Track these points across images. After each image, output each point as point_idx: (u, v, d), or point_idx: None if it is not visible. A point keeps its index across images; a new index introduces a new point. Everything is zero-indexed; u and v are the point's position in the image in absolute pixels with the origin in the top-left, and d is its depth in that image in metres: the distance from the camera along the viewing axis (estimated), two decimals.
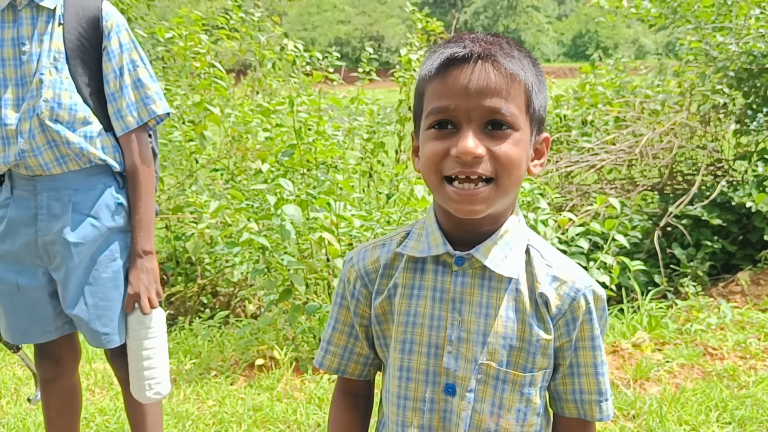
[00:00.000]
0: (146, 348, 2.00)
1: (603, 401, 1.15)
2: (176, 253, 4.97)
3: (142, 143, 1.99)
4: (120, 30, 1.94)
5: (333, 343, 1.25)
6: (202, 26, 4.86)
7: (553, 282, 1.11)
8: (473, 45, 1.02)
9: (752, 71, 5.22)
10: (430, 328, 1.12)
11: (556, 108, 5.83)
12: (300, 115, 3.76)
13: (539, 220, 3.78)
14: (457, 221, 1.10)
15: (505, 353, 1.10)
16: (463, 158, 0.99)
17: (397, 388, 1.15)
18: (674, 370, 3.42)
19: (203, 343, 3.85)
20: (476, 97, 1.00)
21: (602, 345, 1.14)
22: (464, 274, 1.11)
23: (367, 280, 1.19)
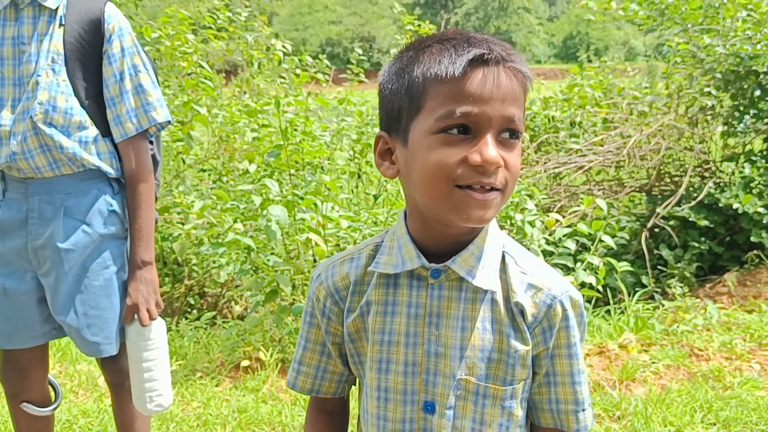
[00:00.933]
0: (146, 360, 1.95)
1: (580, 411, 1.11)
2: (163, 253, 4.95)
3: (141, 151, 1.92)
4: (123, 34, 1.88)
5: (305, 363, 1.20)
6: (189, 26, 4.83)
7: (529, 290, 1.06)
8: (494, 47, 0.96)
9: (739, 73, 5.25)
10: (407, 345, 1.08)
11: (545, 109, 5.84)
12: (286, 116, 3.74)
13: (526, 221, 3.77)
14: (436, 232, 1.05)
15: (484, 366, 1.06)
16: (487, 167, 0.94)
17: (376, 408, 1.11)
18: (660, 371, 3.42)
19: (189, 345, 3.83)
20: (500, 104, 0.95)
21: (580, 353, 1.11)
22: (440, 287, 1.06)
23: (337, 297, 1.14)
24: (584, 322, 1.11)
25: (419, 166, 0.99)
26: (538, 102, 6.04)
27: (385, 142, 1.07)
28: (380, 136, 1.07)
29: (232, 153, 4.58)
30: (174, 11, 4.75)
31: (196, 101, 4.48)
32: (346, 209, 4.39)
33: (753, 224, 4.88)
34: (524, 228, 3.75)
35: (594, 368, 3.47)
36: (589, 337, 3.83)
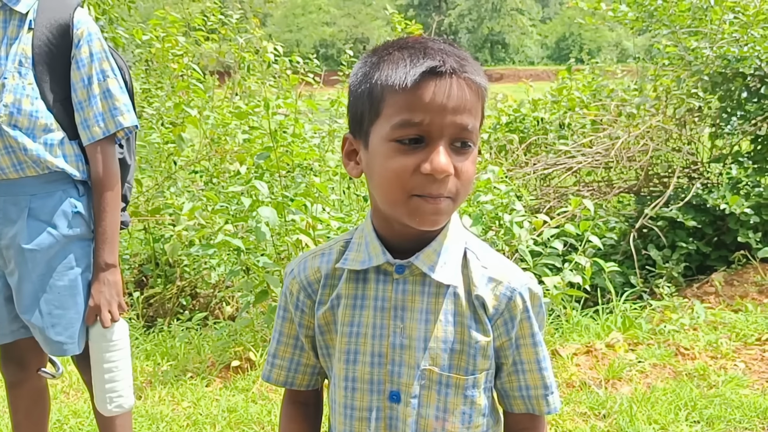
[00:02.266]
0: (108, 361, 1.98)
1: (549, 394, 1.18)
2: (155, 255, 4.97)
3: (108, 154, 1.95)
4: (92, 39, 1.91)
5: (279, 357, 1.25)
6: (180, 28, 4.85)
7: (489, 283, 1.12)
8: (449, 60, 1.00)
9: (726, 75, 5.30)
10: (373, 337, 1.13)
11: (534, 111, 5.88)
12: (276, 118, 3.76)
13: (515, 222, 3.81)
14: (400, 231, 1.10)
15: (447, 357, 1.11)
16: (437, 176, 0.99)
17: (344, 398, 1.16)
18: (646, 369, 3.46)
19: (181, 345, 3.85)
20: (452, 114, 0.99)
21: (542, 341, 1.17)
22: (405, 281, 1.12)
23: (310, 290, 1.19)
24: (543, 312, 1.17)
25: (378, 171, 1.05)
26: (528, 104, 6.08)
27: (351, 143, 1.13)
28: (346, 137, 1.13)
29: (223, 155, 4.60)
30: (164, 13, 4.77)
31: (187, 103, 4.50)
32: (337, 210, 4.42)
33: (740, 225, 4.93)
34: (512, 229, 3.78)
35: (581, 367, 3.51)
36: (576, 337, 3.86)
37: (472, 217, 3.79)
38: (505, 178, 4.10)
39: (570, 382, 3.31)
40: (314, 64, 5.97)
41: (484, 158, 5.24)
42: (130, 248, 5.40)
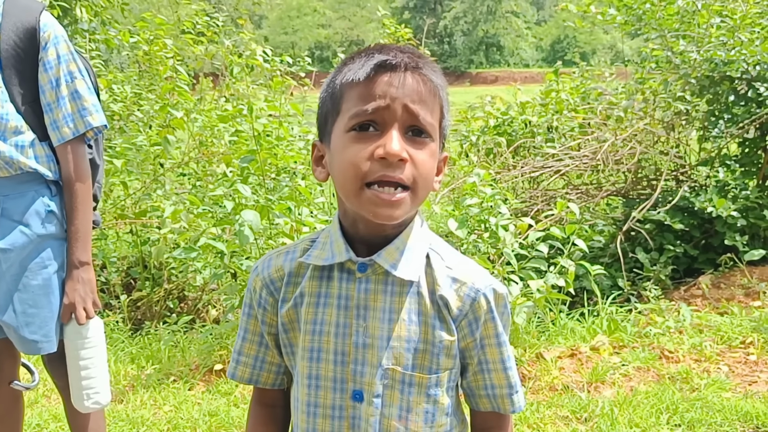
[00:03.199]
0: (84, 358, 2.00)
1: (514, 393, 1.20)
2: (143, 257, 4.96)
3: (78, 154, 1.97)
4: (58, 41, 1.93)
5: (244, 354, 1.26)
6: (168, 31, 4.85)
7: (453, 283, 1.14)
8: (402, 56, 1.05)
9: (714, 78, 5.31)
10: (336, 335, 1.14)
11: (522, 114, 5.89)
12: (260, 121, 3.76)
13: (500, 225, 3.81)
14: (364, 228, 1.12)
15: (410, 356, 1.12)
16: (390, 159, 1.01)
17: (306, 396, 1.16)
18: (630, 373, 3.46)
19: (165, 349, 3.84)
20: (404, 102, 1.03)
21: (507, 341, 1.19)
22: (367, 280, 1.13)
23: (272, 288, 1.20)
24: (508, 314, 1.19)
25: (337, 165, 1.08)
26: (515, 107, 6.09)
27: (319, 149, 1.16)
28: (314, 144, 1.17)
29: (210, 157, 4.60)
30: (152, 15, 4.76)
31: (173, 105, 4.49)
32: (326, 213, 4.41)
33: (727, 227, 4.94)
34: (497, 232, 3.78)
35: (565, 370, 3.51)
36: (562, 340, 3.87)
37: (458, 221, 3.78)
38: (491, 181, 4.09)
39: (552, 386, 3.32)
40: (306, 62, 5.96)
41: (471, 161, 5.24)
42: (118, 251, 5.38)
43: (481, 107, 6.21)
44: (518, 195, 5.58)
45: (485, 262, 3.58)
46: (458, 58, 51.36)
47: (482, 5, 52.91)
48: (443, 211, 4.25)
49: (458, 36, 52.59)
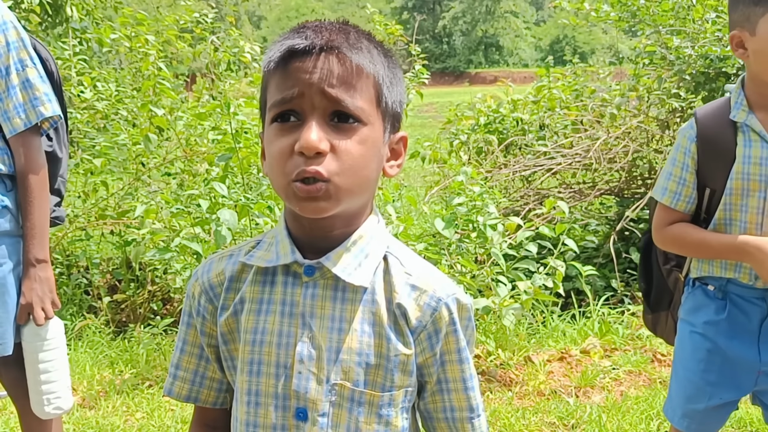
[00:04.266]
0: (43, 361, 1.91)
1: (475, 418, 1.08)
2: (127, 259, 4.86)
3: (32, 146, 1.88)
4: (7, 28, 1.83)
5: (182, 368, 1.13)
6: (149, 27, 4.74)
7: (413, 291, 1.03)
8: (315, 36, 0.95)
9: (709, 75, 5.20)
10: (278, 346, 1.02)
11: (513, 112, 5.78)
12: (238, 118, 3.66)
13: (488, 225, 3.70)
14: (307, 226, 1.01)
15: (362, 372, 1.01)
16: (306, 153, 0.92)
17: (246, 414, 1.04)
18: (620, 377, 3.36)
19: (144, 353, 3.73)
20: (318, 86, 0.93)
21: (470, 358, 1.07)
22: (315, 285, 1.02)
23: (211, 294, 1.08)
24: (472, 326, 1.07)
25: (268, 159, 1.00)
26: (507, 104, 5.98)
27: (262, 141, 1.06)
28: (260, 136, 1.07)
29: (193, 156, 4.49)
30: (132, 11, 4.66)
31: (155, 103, 4.39)
32: None
33: None
34: (485, 232, 3.67)
35: (554, 374, 3.40)
36: (552, 342, 3.76)
37: (445, 220, 3.67)
38: (479, 180, 3.99)
39: (540, 391, 3.21)
40: None
41: (461, 159, 5.14)
42: (101, 252, 5.28)
43: (471, 105, 6.10)
44: (510, 194, 5.47)
45: (471, 263, 3.48)
46: (457, 58, 51.29)
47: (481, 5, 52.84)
48: (432, 211, 4.15)
49: (457, 36, 52.51)
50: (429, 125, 14.39)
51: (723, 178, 1.72)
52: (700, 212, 1.80)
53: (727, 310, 1.80)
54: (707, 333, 1.82)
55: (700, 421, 1.91)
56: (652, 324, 2.20)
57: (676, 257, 1.99)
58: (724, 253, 1.74)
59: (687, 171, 1.77)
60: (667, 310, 2.09)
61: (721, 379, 1.84)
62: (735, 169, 1.70)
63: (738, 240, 1.70)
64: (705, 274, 1.82)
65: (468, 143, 5.46)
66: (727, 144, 1.71)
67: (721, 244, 1.73)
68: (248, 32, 7.45)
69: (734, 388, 1.86)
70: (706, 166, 1.75)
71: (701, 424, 1.92)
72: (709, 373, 1.84)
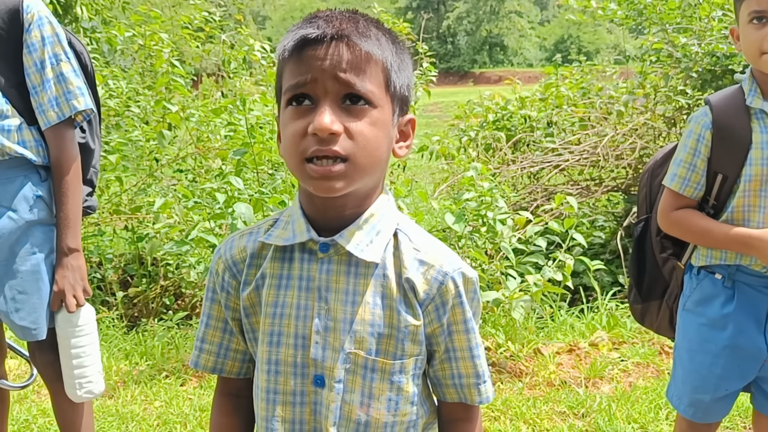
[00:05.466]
0: (75, 347, 1.97)
1: (481, 384, 1.16)
2: (140, 254, 4.92)
3: (65, 138, 1.94)
4: (42, 23, 1.89)
5: (207, 341, 1.20)
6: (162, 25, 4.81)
7: (420, 266, 1.09)
8: (326, 25, 1.01)
9: (716, 72, 5.25)
10: (297, 318, 1.09)
11: (522, 109, 5.83)
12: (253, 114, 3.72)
13: (497, 219, 3.75)
14: (320, 205, 1.08)
15: (374, 341, 1.08)
16: (320, 135, 0.98)
17: (266, 382, 1.11)
18: (629, 368, 3.41)
19: (159, 345, 3.80)
20: (331, 71, 0.99)
21: (476, 328, 1.14)
22: (330, 261, 1.09)
23: (235, 270, 1.15)
24: (478, 299, 1.14)
25: (283, 141, 1.06)
26: (515, 102, 6.03)
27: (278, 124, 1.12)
28: (277, 120, 1.13)
29: (205, 152, 4.56)
30: (146, 9, 4.73)
31: (168, 100, 4.45)
32: None
33: None
34: (495, 226, 3.73)
35: (563, 366, 3.46)
36: (561, 336, 3.81)
37: (455, 215, 3.73)
38: (488, 176, 4.04)
39: (550, 381, 3.26)
40: None
41: (470, 156, 5.19)
42: (114, 247, 5.35)
43: (480, 103, 6.15)
44: (518, 191, 5.52)
45: (482, 256, 3.53)
46: (462, 58, 51.34)
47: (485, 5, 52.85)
48: (441, 207, 4.20)
49: (461, 36, 52.54)
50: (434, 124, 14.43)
51: (735, 165, 1.75)
52: (708, 199, 1.82)
53: (735, 300, 1.82)
54: (717, 326, 1.84)
55: (705, 409, 1.95)
56: (641, 314, 2.18)
57: (673, 246, 1.99)
58: (728, 243, 1.76)
59: (699, 157, 1.79)
60: (660, 300, 2.09)
61: (729, 371, 1.87)
62: (753, 155, 1.72)
63: (742, 232, 1.73)
64: (716, 261, 1.83)
65: (476, 140, 5.52)
66: (743, 130, 1.74)
67: (726, 235, 1.75)
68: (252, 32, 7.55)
69: (740, 378, 1.90)
70: (719, 153, 1.77)
71: (707, 412, 1.96)
72: (718, 366, 1.86)
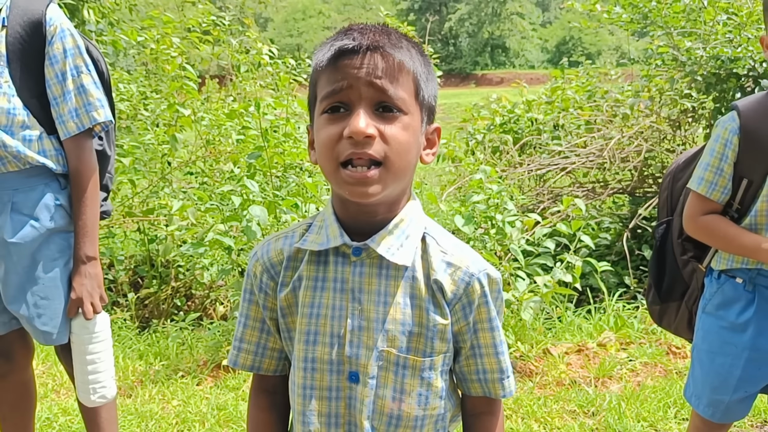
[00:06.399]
0: (91, 353, 2.02)
1: (505, 378, 1.22)
2: (150, 255, 4.97)
3: (85, 148, 1.99)
4: (65, 35, 1.93)
5: (245, 341, 1.26)
6: (175, 29, 4.87)
7: (448, 268, 1.16)
8: (362, 38, 1.07)
9: (720, 76, 5.30)
10: (332, 318, 1.15)
11: (528, 112, 5.89)
12: (267, 118, 3.78)
13: (506, 222, 3.81)
14: (353, 211, 1.14)
15: (405, 339, 1.14)
16: (356, 138, 1.03)
17: (303, 378, 1.18)
18: (637, 368, 3.46)
19: (173, 346, 3.85)
20: (367, 80, 1.05)
21: (500, 326, 1.21)
22: (362, 264, 1.15)
23: (273, 272, 1.21)
24: (501, 298, 1.21)
25: (317, 147, 1.11)
26: (522, 105, 6.09)
27: (310, 133, 1.18)
28: (308, 128, 1.19)
29: (217, 155, 4.61)
30: (159, 14, 4.79)
31: (181, 104, 4.51)
32: None
33: None
34: (504, 228, 3.78)
35: (572, 366, 3.51)
36: (569, 336, 3.87)
37: (464, 217, 3.79)
38: (497, 178, 4.10)
39: (560, 381, 3.32)
40: (307, 64, 5.98)
41: (478, 159, 5.25)
42: (125, 249, 5.40)
43: (487, 106, 6.21)
44: (524, 193, 5.58)
45: (492, 257, 3.59)
46: (463, 59, 51.40)
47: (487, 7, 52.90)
48: (450, 209, 4.26)
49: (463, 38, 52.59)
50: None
51: (761, 170, 1.80)
52: (732, 203, 1.87)
53: (755, 303, 1.87)
54: (737, 330, 1.89)
55: (725, 410, 1.98)
56: (659, 315, 2.24)
57: (694, 248, 2.05)
58: (754, 252, 1.80)
59: (726, 162, 1.83)
60: (679, 301, 2.15)
61: (748, 373, 1.92)
62: None
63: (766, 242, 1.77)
64: (737, 265, 1.88)
65: (484, 143, 5.58)
66: None
67: (753, 242, 1.80)
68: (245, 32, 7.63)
69: (760, 380, 1.95)
70: (745, 158, 1.82)
71: (726, 412, 1.99)
72: (737, 368, 1.91)
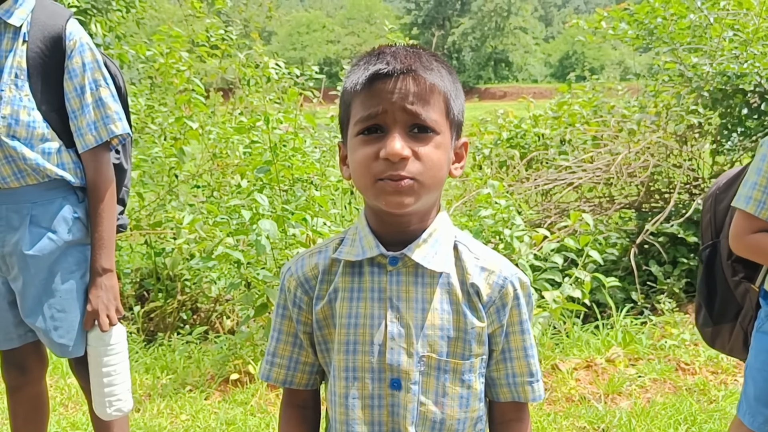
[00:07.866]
0: (107, 365, 2.02)
1: (534, 382, 1.24)
2: (157, 269, 4.98)
3: (102, 161, 2.01)
4: (84, 50, 1.96)
5: (278, 355, 1.27)
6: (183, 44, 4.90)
7: (482, 272, 1.20)
8: (395, 61, 1.11)
9: (727, 92, 5.31)
10: (372, 327, 1.17)
11: (535, 127, 5.90)
12: (276, 132, 3.79)
13: (514, 236, 3.81)
14: (388, 221, 1.17)
15: (444, 344, 1.17)
16: (392, 159, 1.07)
17: (344, 388, 1.19)
18: (646, 384, 3.45)
19: (180, 359, 3.85)
20: (402, 104, 1.09)
21: (530, 329, 1.24)
22: (399, 273, 1.18)
23: (307, 286, 1.23)
24: (532, 302, 1.24)
25: (352, 165, 1.15)
26: (528, 120, 6.10)
27: (342, 149, 1.22)
28: (339, 144, 1.23)
29: (224, 168, 4.62)
30: (168, 29, 4.82)
31: (189, 117, 4.53)
32: (338, 224, 4.43)
33: None
34: (512, 243, 3.78)
35: (581, 382, 3.50)
36: (577, 352, 3.85)
37: (473, 232, 3.79)
38: (505, 193, 4.11)
39: (569, 397, 3.30)
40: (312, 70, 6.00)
41: (485, 173, 5.26)
42: (132, 262, 5.40)
43: (494, 120, 6.23)
44: (531, 208, 5.58)
45: None
46: (467, 73, 51.56)
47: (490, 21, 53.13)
48: (457, 223, 4.26)
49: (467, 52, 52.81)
50: None
51: None
52: None
53: None
54: None
55: None
56: (711, 336, 2.25)
57: (745, 269, 2.06)
58: None
59: None
60: (734, 322, 2.15)
61: None
62: None
63: None
64: None
65: (491, 157, 5.59)
66: None
67: None
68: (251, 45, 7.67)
69: None
70: None
71: None
72: None
